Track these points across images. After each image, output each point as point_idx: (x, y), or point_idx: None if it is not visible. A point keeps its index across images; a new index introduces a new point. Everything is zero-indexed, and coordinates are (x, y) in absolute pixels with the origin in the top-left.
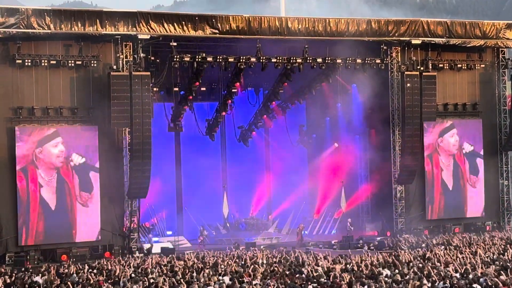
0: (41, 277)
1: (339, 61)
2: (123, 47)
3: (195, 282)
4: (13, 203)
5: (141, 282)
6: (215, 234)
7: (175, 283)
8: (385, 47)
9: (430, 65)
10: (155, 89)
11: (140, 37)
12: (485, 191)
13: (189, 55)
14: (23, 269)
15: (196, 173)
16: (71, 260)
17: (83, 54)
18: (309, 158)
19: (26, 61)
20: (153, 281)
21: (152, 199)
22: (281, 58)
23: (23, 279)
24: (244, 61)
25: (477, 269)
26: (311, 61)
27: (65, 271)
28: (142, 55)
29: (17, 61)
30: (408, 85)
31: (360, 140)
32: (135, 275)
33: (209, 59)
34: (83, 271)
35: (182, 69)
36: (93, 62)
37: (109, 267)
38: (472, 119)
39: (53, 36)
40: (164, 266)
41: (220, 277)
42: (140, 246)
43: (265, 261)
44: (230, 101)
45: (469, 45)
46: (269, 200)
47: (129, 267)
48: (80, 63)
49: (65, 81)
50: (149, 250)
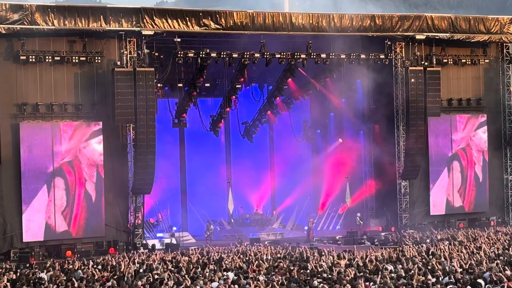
0: (46, 273)
1: (343, 56)
2: (127, 43)
3: (200, 278)
4: (18, 200)
5: (145, 278)
6: (219, 229)
7: (179, 279)
8: (389, 43)
9: (434, 60)
10: (159, 85)
11: (144, 33)
12: (490, 186)
13: (193, 51)
14: (28, 265)
15: (200, 169)
16: (76, 256)
17: (87, 50)
18: (313, 153)
19: (30, 57)
20: (158, 277)
21: (156, 195)
22: (285, 53)
23: (28, 275)
24: (248, 56)
25: (482, 264)
26: (315, 56)
27: (69, 267)
28: (146, 51)
29: (21, 58)
30: (412, 80)
31: (364, 135)
32: (139, 271)
33: (213, 55)
34: (87, 267)
35: (186, 65)
36: (97, 58)
37: (114, 263)
38: (476, 114)
39: (57, 32)
40: (168, 261)
41: (224, 273)
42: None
43: (269, 257)
44: (234, 97)
45: (473, 40)
46: (273, 195)
47: (134, 263)
48: (84, 59)
49: (69, 78)
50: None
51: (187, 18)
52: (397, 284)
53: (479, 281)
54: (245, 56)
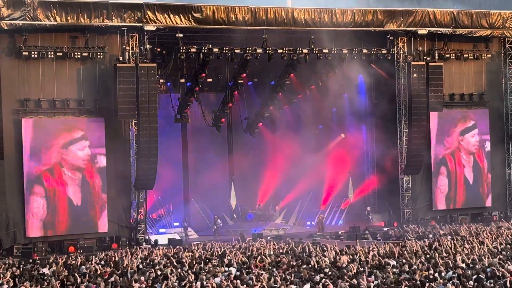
0: (48, 269)
1: (345, 51)
2: (129, 38)
3: (203, 273)
4: (21, 195)
5: (148, 273)
6: (222, 225)
7: (182, 274)
8: (391, 37)
9: (436, 55)
10: (161, 80)
11: (146, 28)
12: (492, 181)
13: (195, 46)
14: (30, 260)
15: (202, 165)
16: (79, 251)
17: (90, 46)
18: (315, 149)
19: (32, 53)
20: (161, 272)
21: (159, 191)
22: (287, 49)
23: (31, 271)
24: (250, 52)
25: (484, 259)
26: (317, 51)
27: (72, 262)
28: (148, 46)
29: (24, 53)
30: (414, 75)
31: (366, 130)
32: (142, 267)
33: (215, 50)
34: (90, 263)
35: (188, 60)
36: (99, 53)
37: (117, 259)
38: (478, 109)
39: (59, 28)
40: (171, 257)
41: (227, 268)
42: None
43: (272, 252)
44: (236, 92)
45: (475, 35)
46: (275, 191)
47: (136, 258)
48: (86, 54)
49: (71, 73)
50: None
51: (189, 13)
52: (399, 279)
53: (482, 275)
54: (247, 51)
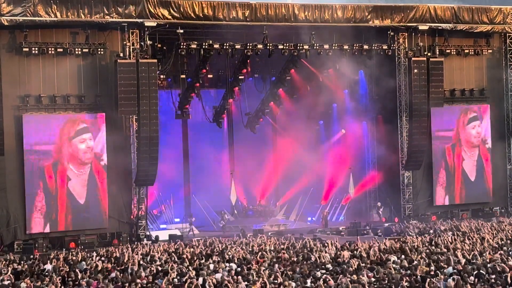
0: (49, 265)
1: (346, 47)
2: (130, 34)
3: (204, 269)
4: (21, 191)
5: (149, 269)
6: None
7: (183, 270)
8: (392, 33)
9: (437, 50)
10: (162, 76)
11: (146, 24)
12: (493, 176)
13: (196, 42)
14: (31, 256)
15: (203, 160)
16: (79, 247)
17: (90, 42)
18: (316, 144)
19: (33, 49)
20: (162, 268)
21: (159, 187)
22: (287, 44)
23: (32, 267)
24: (251, 48)
25: (485, 254)
26: (317, 47)
27: (73, 258)
28: (149, 42)
29: (24, 49)
30: (415, 71)
31: (367, 126)
32: (143, 262)
33: (216, 46)
34: (91, 259)
35: (189, 56)
36: (100, 49)
37: (117, 255)
38: (479, 104)
39: (59, 24)
40: (173, 253)
41: (228, 264)
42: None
43: (272, 248)
44: (237, 88)
45: (476, 31)
46: (276, 187)
47: (137, 254)
48: (87, 51)
49: (72, 69)
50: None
51: (190, 9)
52: (400, 274)
53: (483, 271)
54: (248, 47)
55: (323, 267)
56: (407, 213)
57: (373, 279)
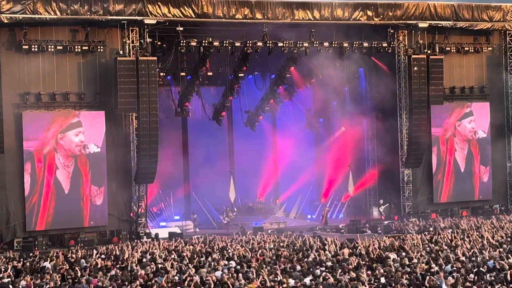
0: (49, 262)
1: (345, 45)
2: (130, 32)
3: (203, 266)
4: (21, 189)
5: (149, 267)
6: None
7: (183, 267)
8: (392, 31)
9: (437, 48)
10: (161, 74)
11: (146, 22)
12: (493, 174)
13: (196, 40)
14: (31, 254)
15: (203, 158)
16: (79, 245)
17: (90, 39)
18: (316, 142)
19: (32, 46)
20: (161, 266)
21: (159, 184)
22: (287, 42)
23: (31, 265)
24: (250, 45)
25: (485, 252)
26: (317, 45)
27: (73, 256)
28: (148, 40)
29: (24, 47)
30: (415, 68)
31: (367, 124)
32: (143, 260)
33: (216, 44)
34: (91, 256)
35: (188, 54)
36: (99, 47)
37: (117, 252)
38: (479, 102)
39: (59, 21)
40: (172, 250)
41: (227, 262)
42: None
43: (272, 246)
44: (237, 86)
45: (476, 28)
46: (276, 184)
47: (137, 252)
48: (86, 48)
49: (71, 67)
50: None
51: (190, 7)
52: (400, 272)
53: (482, 269)
54: (248, 45)
55: (323, 264)
56: (407, 210)
57: (372, 277)
